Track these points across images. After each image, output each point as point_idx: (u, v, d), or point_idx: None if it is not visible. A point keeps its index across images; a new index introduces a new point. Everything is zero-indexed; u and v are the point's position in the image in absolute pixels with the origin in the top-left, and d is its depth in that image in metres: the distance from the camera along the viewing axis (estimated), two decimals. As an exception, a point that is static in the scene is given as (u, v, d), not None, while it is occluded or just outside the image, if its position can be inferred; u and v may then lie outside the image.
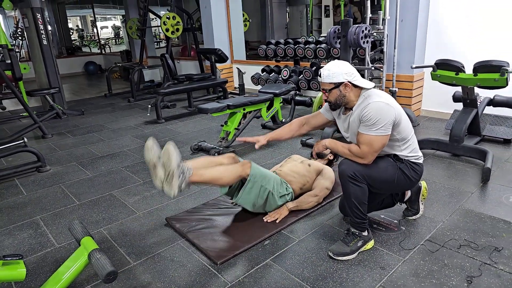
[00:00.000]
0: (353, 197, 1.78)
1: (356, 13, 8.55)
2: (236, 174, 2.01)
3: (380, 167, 1.79)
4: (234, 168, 2.02)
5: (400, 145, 1.81)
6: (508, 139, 3.27)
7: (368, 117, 1.69)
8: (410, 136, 1.82)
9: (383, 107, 1.69)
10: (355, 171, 1.75)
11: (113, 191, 2.80)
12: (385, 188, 1.88)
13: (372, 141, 1.70)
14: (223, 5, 6.03)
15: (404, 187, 1.93)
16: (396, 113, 1.72)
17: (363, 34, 3.52)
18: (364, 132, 1.72)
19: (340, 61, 1.83)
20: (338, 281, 1.69)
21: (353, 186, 1.76)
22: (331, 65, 1.79)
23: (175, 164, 1.71)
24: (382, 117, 1.67)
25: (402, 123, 1.76)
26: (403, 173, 1.82)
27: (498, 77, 2.66)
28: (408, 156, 1.83)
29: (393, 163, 1.82)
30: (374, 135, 1.69)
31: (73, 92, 7.68)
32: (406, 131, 1.80)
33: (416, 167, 1.85)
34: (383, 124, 1.68)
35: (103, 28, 17.32)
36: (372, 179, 1.78)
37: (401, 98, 4.10)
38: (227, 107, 3.43)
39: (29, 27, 5.23)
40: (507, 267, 1.72)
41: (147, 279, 1.79)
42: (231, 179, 2.00)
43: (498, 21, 3.59)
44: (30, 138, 4.35)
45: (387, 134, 1.71)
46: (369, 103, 1.72)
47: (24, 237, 2.23)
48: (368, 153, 1.72)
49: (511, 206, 2.25)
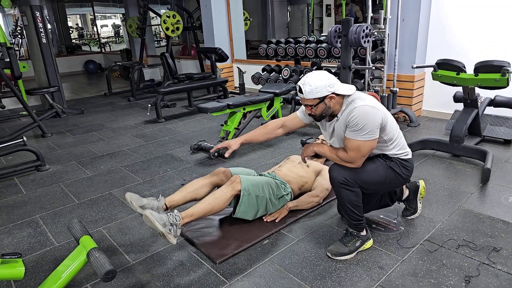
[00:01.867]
0: (347, 202, 1.78)
1: (357, 12, 8.53)
2: (226, 196, 1.98)
3: (370, 169, 1.76)
4: (223, 192, 1.99)
5: (388, 145, 1.79)
6: (508, 140, 3.27)
7: (355, 122, 1.65)
8: (396, 134, 1.79)
9: (369, 111, 1.65)
10: (345, 177, 1.73)
11: (113, 190, 2.80)
12: (378, 188, 1.88)
13: (360, 146, 1.67)
14: (223, 4, 6.02)
15: (396, 185, 1.91)
16: (383, 116, 1.69)
17: (364, 33, 3.52)
18: (352, 137, 1.68)
19: (319, 72, 1.74)
20: (337, 281, 1.69)
21: (346, 191, 1.76)
22: (312, 79, 1.69)
23: (161, 226, 1.72)
24: (369, 121, 1.64)
25: (388, 124, 1.73)
26: (394, 171, 1.80)
27: (499, 77, 2.65)
28: (397, 154, 1.81)
29: (383, 162, 1.79)
30: (362, 140, 1.66)
31: (73, 91, 7.67)
32: (393, 131, 1.77)
33: (406, 164, 1.83)
34: (370, 129, 1.64)
35: (103, 27, 17.32)
36: (363, 182, 1.76)
37: (401, 98, 4.10)
38: (227, 107, 3.42)
39: (28, 25, 5.22)
40: (505, 267, 1.72)
41: (146, 278, 1.79)
42: (224, 203, 1.98)
43: (500, 21, 3.58)
44: (29, 137, 4.35)
45: (375, 138, 1.68)
46: (355, 107, 1.67)
47: (23, 235, 2.23)
48: (356, 158, 1.69)
49: (510, 206, 2.25)
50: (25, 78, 5.53)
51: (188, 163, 3.27)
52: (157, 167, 3.22)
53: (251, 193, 2.07)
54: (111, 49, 13.46)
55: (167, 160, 3.38)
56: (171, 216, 1.79)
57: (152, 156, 3.50)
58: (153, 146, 3.80)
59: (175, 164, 3.26)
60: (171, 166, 3.22)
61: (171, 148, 3.70)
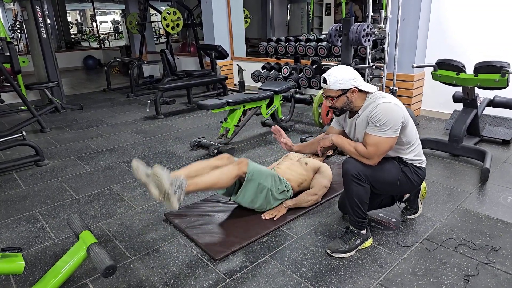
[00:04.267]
0: (355, 197, 1.78)
1: (357, 12, 8.52)
2: (232, 174, 1.98)
3: (384, 169, 1.78)
4: (229, 170, 1.99)
5: (404, 149, 1.80)
6: (507, 140, 3.28)
7: (377, 118, 1.67)
8: (414, 140, 1.82)
9: (392, 108, 1.68)
10: (359, 171, 1.74)
11: (112, 186, 2.80)
12: (387, 189, 1.89)
13: (379, 142, 1.69)
14: (224, 1, 6.00)
15: (406, 190, 1.94)
16: (405, 115, 1.71)
17: (365, 32, 3.52)
18: (372, 133, 1.70)
19: (344, 66, 1.80)
20: (336, 278, 1.70)
21: (356, 185, 1.76)
22: (338, 71, 1.74)
23: (168, 184, 1.68)
24: (391, 118, 1.66)
25: (409, 126, 1.75)
26: (406, 177, 1.82)
27: (498, 77, 2.66)
28: (412, 160, 1.84)
29: (397, 165, 1.81)
30: (382, 136, 1.68)
31: (72, 87, 7.64)
32: (412, 135, 1.79)
33: (419, 171, 1.86)
34: (392, 126, 1.66)
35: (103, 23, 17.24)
36: (375, 180, 1.78)
37: (401, 98, 4.10)
38: (227, 104, 3.42)
39: (28, 20, 5.19)
40: (504, 266, 1.73)
41: (146, 274, 1.79)
42: (228, 180, 1.98)
43: (500, 22, 3.59)
44: (28, 132, 4.33)
45: (395, 136, 1.69)
46: (378, 104, 1.70)
47: (22, 230, 2.23)
48: (374, 154, 1.71)
49: (508, 206, 2.26)
50: (25, 73, 5.50)
51: (188, 160, 3.26)
52: (156, 163, 3.21)
53: (255, 178, 2.06)
54: (111, 45, 13.40)
55: (166, 156, 3.38)
56: (178, 179, 1.76)
57: (151, 152, 3.49)
58: (152, 143, 3.79)
59: (175, 161, 3.25)
60: (171, 162, 3.22)
61: (171, 145, 3.69)
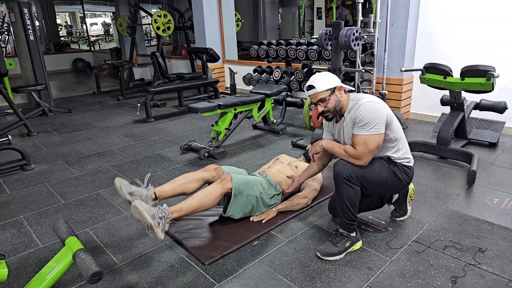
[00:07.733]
0: (346, 199, 1.80)
1: (347, 16, 8.62)
2: (217, 193, 1.97)
3: (375, 169, 1.81)
4: (213, 189, 1.97)
5: (393, 146, 1.85)
6: (493, 143, 3.34)
7: (361, 118, 1.73)
8: (401, 136, 1.87)
9: (374, 106, 1.74)
10: (350, 173, 1.76)
11: (100, 191, 2.76)
12: (377, 190, 1.91)
13: (366, 140, 1.73)
14: (215, 4, 6.00)
15: (395, 190, 1.96)
16: (388, 112, 1.77)
17: (354, 36, 3.55)
18: (358, 132, 1.75)
19: (322, 72, 1.90)
20: (326, 282, 1.70)
21: (347, 187, 1.78)
22: (320, 75, 1.83)
23: (149, 218, 1.68)
24: (374, 116, 1.71)
25: (394, 122, 1.81)
26: (396, 176, 1.85)
27: (484, 81, 2.71)
28: (401, 159, 1.87)
29: (387, 165, 1.85)
30: (369, 134, 1.72)
31: (60, 89, 7.53)
32: (398, 131, 1.84)
33: (408, 170, 1.89)
34: (376, 123, 1.71)
35: (93, 25, 17.09)
36: (366, 181, 1.80)
37: (390, 101, 4.15)
38: (218, 107, 3.41)
39: (16, 22, 5.11)
40: (490, 267, 1.75)
41: (134, 279, 1.76)
42: (213, 200, 1.96)
43: (486, 28, 3.66)
44: (15, 136, 4.25)
45: (381, 133, 1.74)
46: (360, 105, 1.76)
47: (6, 236, 2.18)
48: (363, 153, 1.74)
49: (495, 208, 2.30)
50: (12, 75, 5.41)
51: (178, 163, 3.24)
52: (146, 167, 3.18)
53: (242, 192, 2.06)
54: (101, 47, 13.28)
55: (156, 160, 3.35)
56: (160, 209, 1.76)
57: (141, 156, 3.46)
58: (142, 146, 3.75)
59: (165, 164, 3.22)
60: (161, 166, 3.19)
61: (161, 148, 3.66)
